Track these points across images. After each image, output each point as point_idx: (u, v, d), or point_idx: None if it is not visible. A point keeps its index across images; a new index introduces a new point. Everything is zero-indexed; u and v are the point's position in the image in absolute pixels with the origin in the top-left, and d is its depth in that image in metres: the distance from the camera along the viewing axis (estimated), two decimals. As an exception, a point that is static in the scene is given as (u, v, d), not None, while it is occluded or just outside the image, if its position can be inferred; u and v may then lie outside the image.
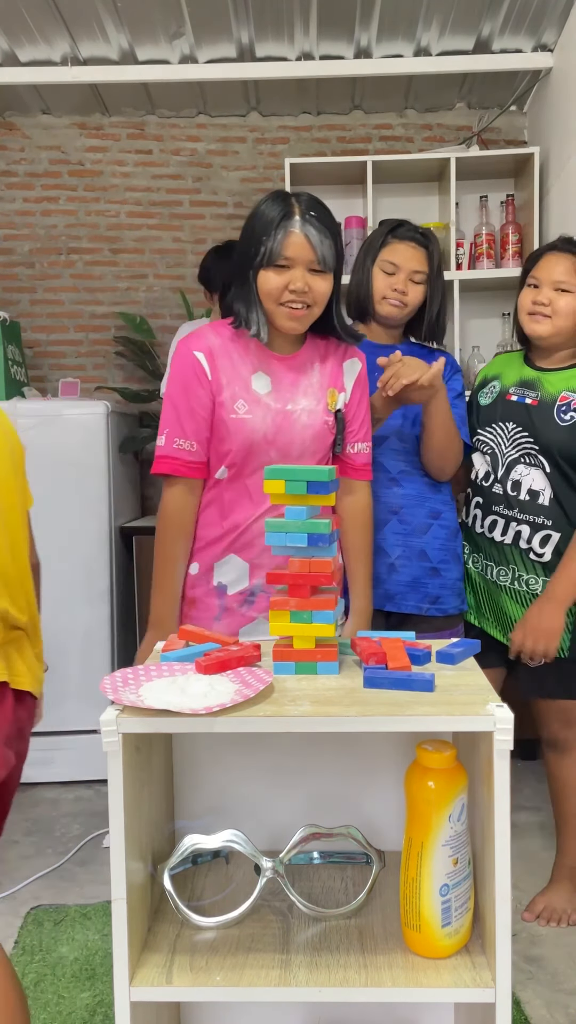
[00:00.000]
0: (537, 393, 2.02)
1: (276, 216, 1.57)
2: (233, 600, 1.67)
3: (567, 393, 1.98)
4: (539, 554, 2.00)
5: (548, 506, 1.98)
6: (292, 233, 1.55)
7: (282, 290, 1.57)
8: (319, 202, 1.61)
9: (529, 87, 3.48)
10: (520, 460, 2.01)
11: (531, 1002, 1.83)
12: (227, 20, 3.03)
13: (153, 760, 1.09)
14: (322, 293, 1.60)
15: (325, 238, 1.57)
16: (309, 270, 1.57)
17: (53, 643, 2.91)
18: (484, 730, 0.92)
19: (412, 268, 1.99)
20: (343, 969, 0.97)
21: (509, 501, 2.03)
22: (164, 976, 0.97)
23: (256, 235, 1.58)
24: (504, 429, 2.04)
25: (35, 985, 1.91)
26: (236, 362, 1.66)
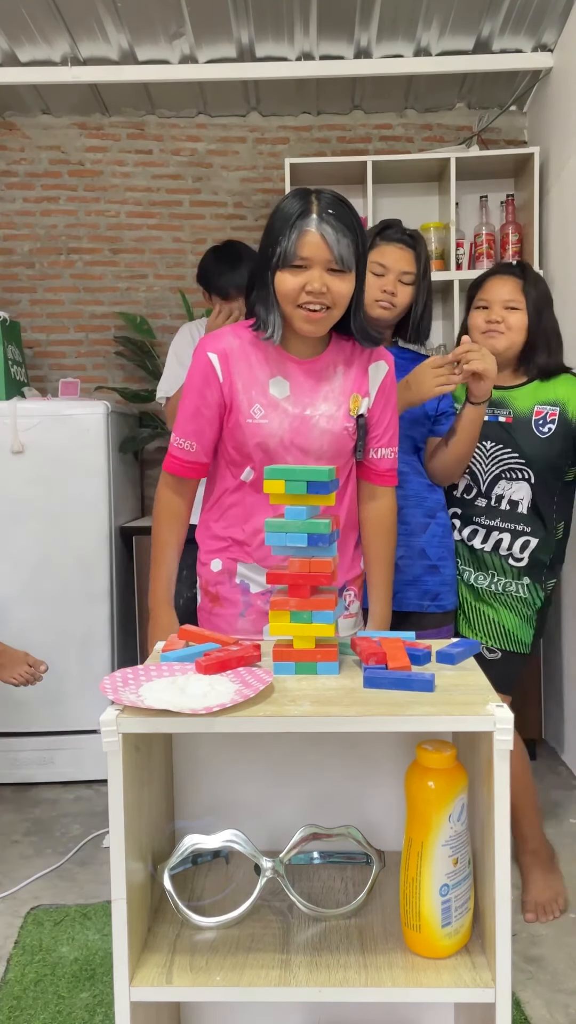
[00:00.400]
0: (508, 410, 2.13)
1: (293, 215, 1.52)
2: (258, 598, 1.68)
3: (540, 407, 2.11)
4: (518, 559, 2.12)
5: (527, 514, 2.11)
6: (308, 232, 1.51)
7: (299, 291, 1.53)
8: (340, 199, 1.56)
9: (529, 87, 3.48)
10: (502, 476, 2.12)
11: (531, 1002, 1.83)
12: (227, 20, 3.03)
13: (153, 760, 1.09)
14: (341, 294, 1.55)
15: (343, 237, 1.52)
16: (327, 270, 1.52)
17: (53, 643, 2.92)
18: (484, 730, 0.92)
19: (401, 269, 2.01)
20: (343, 969, 0.97)
21: (491, 512, 2.15)
22: (164, 976, 0.97)
23: (274, 235, 1.55)
24: (483, 448, 2.14)
25: (35, 985, 1.92)
26: (254, 365, 1.63)
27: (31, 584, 2.94)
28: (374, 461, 1.73)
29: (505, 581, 2.13)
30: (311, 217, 1.51)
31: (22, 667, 2.18)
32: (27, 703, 2.93)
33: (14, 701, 2.90)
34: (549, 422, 2.09)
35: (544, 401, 2.10)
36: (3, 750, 2.98)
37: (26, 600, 2.94)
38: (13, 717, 2.96)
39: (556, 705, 3.16)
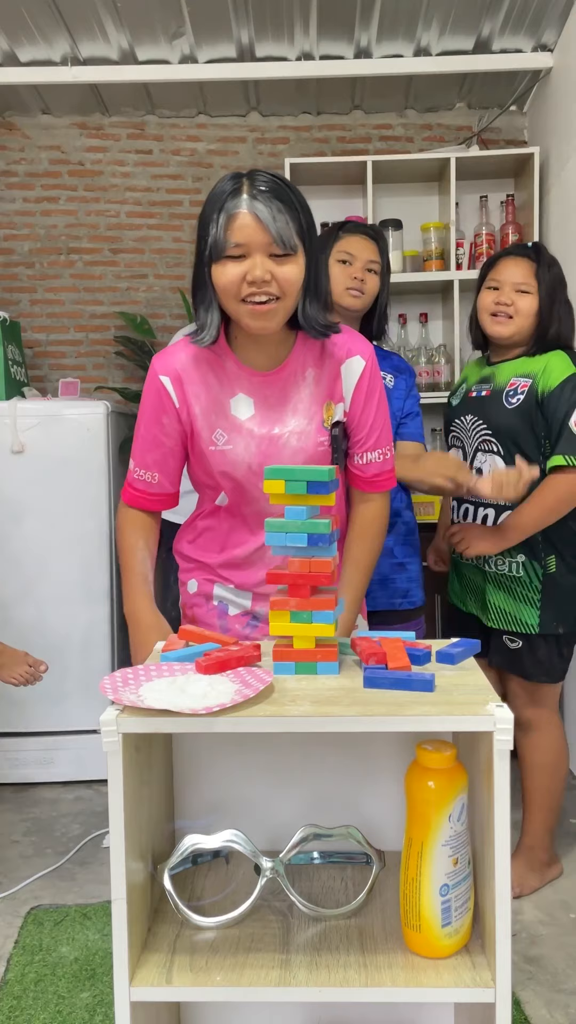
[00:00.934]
0: (491, 385, 2.14)
1: (221, 198, 1.33)
2: (235, 621, 1.60)
3: (515, 379, 2.09)
4: None
5: None
6: (239, 215, 1.31)
7: (239, 282, 1.33)
8: (274, 175, 1.36)
9: (529, 87, 3.48)
10: (479, 448, 2.14)
11: (531, 1002, 1.83)
12: (227, 20, 3.03)
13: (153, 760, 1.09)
14: (289, 280, 1.34)
15: (280, 213, 1.31)
16: (269, 255, 1.33)
17: (53, 643, 2.92)
18: (484, 730, 0.92)
19: (367, 258, 2.06)
20: (343, 969, 0.97)
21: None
22: (164, 976, 0.97)
23: (204, 224, 1.36)
24: (465, 422, 2.18)
25: (35, 985, 1.92)
26: (212, 385, 1.46)
27: (31, 584, 2.94)
28: (360, 467, 1.56)
29: (498, 559, 2.12)
30: (241, 197, 1.32)
31: (22, 667, 2.18)
32: (27, 703, 2.93)
33: (14, 701, 2.90)
34: (519, 393, 2.06)
35: (520, 373, 2.08)
36: (3, 750, 2.98)
37: (26, 600, 2.94)
38: (13, 717, 2.96)
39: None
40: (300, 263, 1.36)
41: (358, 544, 1.59)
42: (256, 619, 1.60)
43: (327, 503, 1.12)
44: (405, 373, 2.20)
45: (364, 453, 1.55)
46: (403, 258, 3.36)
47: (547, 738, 2.18)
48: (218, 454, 1.47)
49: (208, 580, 1.61)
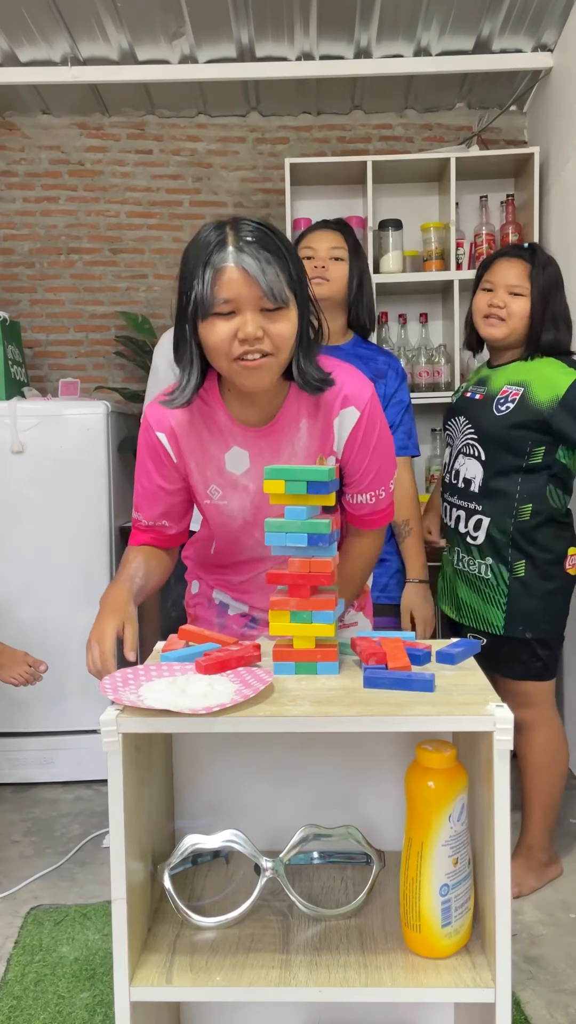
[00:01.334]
0: (485, 388, 2.15)
1: (205, 252, 1.25)
2: (233, 620, 1.63)
3: (507, 386, 2.10)
4: (473, 537, 2.15)
5: (478, 492, 2.12)
6: (225, 269, 1.23)
7: (230, 341, 1.25)
8: (260, 224, 1.28)
9: (529, 87, 3.48)
10: (462, 451, 2.16)
11: (531, 1002, 1.83)
12: (227, 20, 3.03)
13: (153, 760, 1.09)
14: (283, 336, 1.27)
15: (269, 265, 1.23)
16: (260, 310, 1.25)
17: (53, 643, 2.92)
18: (484, 730, 0.92)
19: (329, 246, 2.09)
20: (343, 969, 0.97)
21: (451, 488, 2.20)
22: (164, 976, 0.97)
23: (187, 279, 1.27)
24: (457, 423, 2.20)
25: (35, 985, 1.92)
26: (205, 440, 1.41)
27: (31, 584, 2.94)
28: (352, 505, 1.51)
29: (468, 559, 2.16)
30: (227, 250, 1.24)
31: (22, 667, 2.18)
32: (27, 703, 2.93)
33: (14, 701, 2.90)
34: (509, 401, 2.06)
35: (512, 381, 2.08)
36: (3, 750, 2.98)
37: (26, 600, 2.94)
38: (13, 717, 2.96)
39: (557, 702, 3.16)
40: (292, 316, 1.28)
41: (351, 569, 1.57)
42: (255, 622, 1.62)
43: (327, 503, 1.12)
44: (384, 378, 2.17)
45: (355, 495, 1.50)
46: (403, 258, 3.36)
47: (542, 737, 2.18)
48: (214, 507, 1.46)
49: (208, 585, 1.65)
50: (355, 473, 1.46)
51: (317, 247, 2.10)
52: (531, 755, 2.19)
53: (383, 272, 3.33)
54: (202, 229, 1.30)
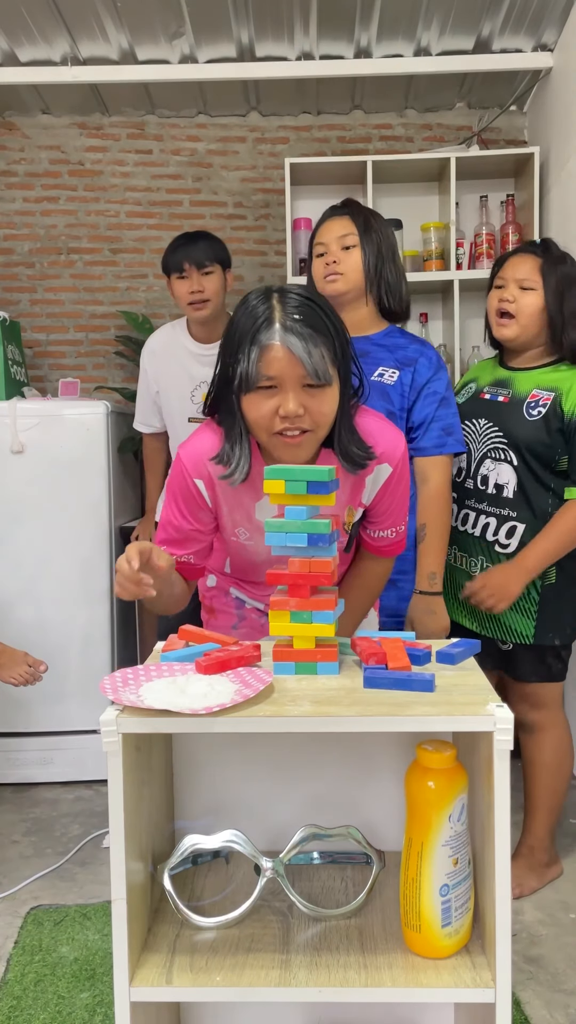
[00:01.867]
0: (509, 391, 2.09)
1: (251, 327, 1.27)
2: (251, 612, 1.66)
3: (537, 391, 2.04)
4: (504, 545, 2.08)
5: (512, 499, 2.06)
6: (271, 347, 1.25)
7: (272, 417, 1.28)
8: (308, 297, 1.29)
9: (529, 87, 3.48)
10: (488, 455, 2.09)
11: (531, 1002, 1.83)
12: (227, 20, 3.03)
13: (153, 760, 1.09)
14: (323, 413, 1.29)
15: (315, 346, 1.25)
16: (303, 386, 1.27)
17: (53, 643, 2.92)
18: (484, 730, 0.92)
19: (337, 235, 1.96)
20: (343, 969, 0.97)
21: (478, 495, 2.11)
22: (164, 976, 0.97)
23: (232, 350, 1.30)
24: (476, 425, 2.12)
25: (35, 985, 1.91)
26: (240, 490, 1.42)
27: (31, 584, 2.94)
28: (371, 537, 1.57)
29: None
30: (274, 328, 1.25)
31: (22, 667, 2.18)
32: (27, 703, 2.93)
33: (14, 701, 2.90)
34: (540, 405, 2.01)
35: (543, 385, 2.03)
36: (3, 750, 2.97)
37: (26, 600, 2.94)
38: (13, 717, 2.96)
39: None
40: (334, 393, 1.31)
41: (358, 592, 1.63)
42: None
43: (327, 503, 1.12)
44: (413, 366, 1.98)
45: (377, 531, 1.55)
46: (403, 258, 3.36)
47: (551, 738, 2.17)
48: (238, 544, 1.49)
49: (225, 581, 1.67)
50: (379, 516, 1.52)
51: (327, 240, 1.97)
52: (539, 756, 2.17)
53: (383, 272, 3.33)
54: (249, 297, 1.32)
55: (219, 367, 1.36)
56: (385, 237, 1.98)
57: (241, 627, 1.66)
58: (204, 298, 2.59)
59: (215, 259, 2.61)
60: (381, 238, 1.97)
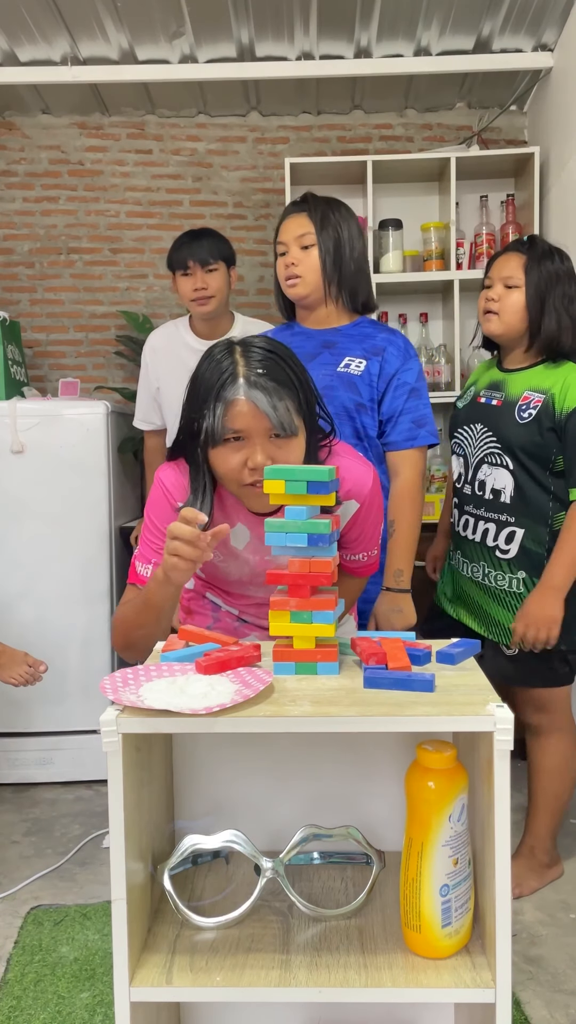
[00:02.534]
0: (502, 394, 2.08)
1: (215, 382, 1.28)
2: (226, 615, 1.67)
3: (528, 392, 2.02)
4: (504, 551, 2.06)
5: (510, 504, 2.04)
6: (236, 403, 1.27)
7: (240, 469, 1.30)
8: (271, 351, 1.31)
9: (529, 87, 3.48)
10: (485, 460, 2.08)
11: (531, 1002, 1.83)
12: (227, 20, 3.03)
13: (153, 760, 1.09)
14: (290, 463, 1.31)
15: (280, 399, 1.27)
16: (270, 437, 1.29)
17: (53, 643, 2.92)
18: (484, 730, 0.92)
19: (295, 235, 1.93)
20: (343, 969, 0.97)
21: (476, 500, 2.11)
22: (164, 976, 0.97)
23: (197, 405, 1.31)
24: (473, 430, 2.11)
25: (35, 985, 1.91)
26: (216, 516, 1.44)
27: (31, 584, 2.94)
28: (346, 560, 1.59)
29: (496, 574, 2.07)
30: (238, 383, 1.27)
31: (22, 667, 2.18)
32: (27, 703, 2.93)
33: (14, 701, 2.90)
34: (532, 408, 1.99)
35: (534, 388, 2.01)
36: (3, 750, 2.98)
37: (26, 600, 2.94)
38: (13, 717, 2.96)
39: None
40: (301, 443, 1.34)
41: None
42: (244, 621, 1.66)
43: (327, 503, 1.12)
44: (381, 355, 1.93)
45: (348, 555, 1.58)
46: (403, 258, 3.36)
47: (557, 742, 2.15)
48: (212, 565, 1.51)
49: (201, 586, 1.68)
50: (351, 543, 1.55)
51: (287, 240, 1.93)
52: (544, 759, 2.16)
53: (383, 272, 3.33)
54: (213, 350, 1.33)
55: (183, 420, 1.37)
56: (345, 230, 1.94)
57: (215, 628, 1.67)
58: (208, 295, 2.61)
59: (219, 256, 2.63)
60: (339, 232, 1.93)
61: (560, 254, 2.05)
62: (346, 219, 1.95)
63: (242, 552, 1.48)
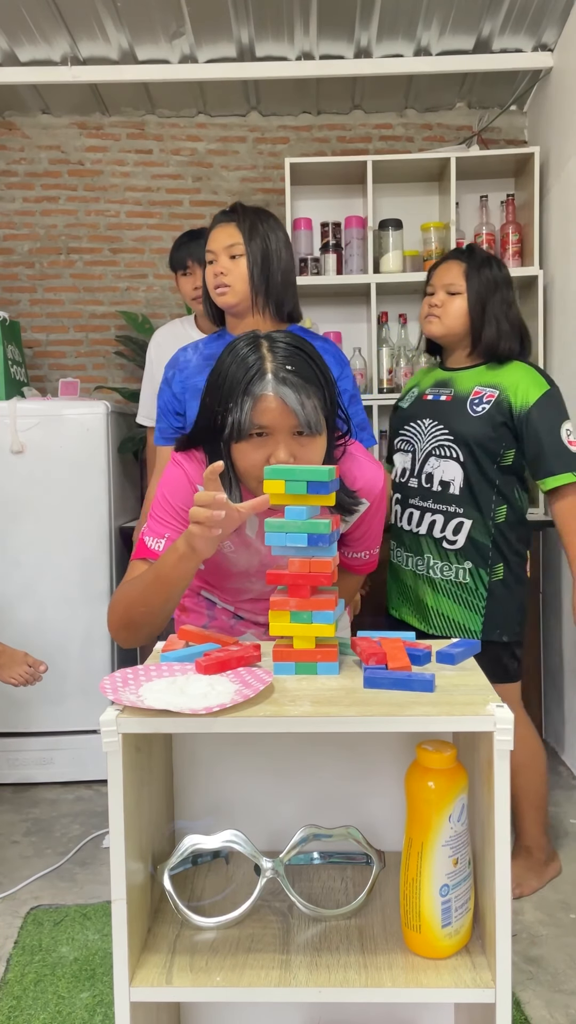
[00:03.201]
0: (450, 390, 2.14)
1: (242, 377, 1.27)
2: (222, 613, 1.67)
3: (479, 388, 2.09)
4: (452, 541, 2.10)
5: (458, 495, 2.09)
6: (264, 398, 1.26)
7: (263, 466, 1.28)
8: (297, 346, 1.30)
9: (529, 87, 3.48)
10: (432, 453, 2.12)
11: (531, 1002, 1.83)
12: (227, 20, 3.03)
13: (153, 760, 1.09)
14: (312, 461, 1.31)
15: (308, 397, 1.26)
16: (294, 434, 1.29)
17: (53, 643, 2.92)
18: (484, 730, 0.92)
19: (224, 245, 1.94)
20: (343, 969, 0.97)
21: (423, 493, 2.14)
22: (164, 976, 0.97)
23: (222, 398, 1.30)
24: (421, 425, 2.16)
25: (35, 985, 1.91)
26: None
27: (31, 584, 2.94)
28: (347, 557, 1.61)
29: (442, 565, 2.11)
30: (266, 379, 1.26)
31: (22, 667, 2.18)
32: (27, 703, 2.93)
33: (14, 701, 2.90)
34: (485, 402, 2.06)
35: (485, 383, 2.09)
36: (3, 750, 2.98)
37: (26, 600, 2.94)
38: (13, 717, 2.96)
39: (556, 705, 3.16)
40: (323, 442, 1.33)
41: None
42: (240, 618, 1.66)
43: (327, 503, 1.12)
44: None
45: (350, 552, 1.60)
46: (403, 258, 3.36)
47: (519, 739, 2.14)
48: (221, 554, 1.49)
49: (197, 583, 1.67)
50: (355, 541, 1.57)
51: (215, 249, 1.94)
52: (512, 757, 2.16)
53: (383, 272, 3.33)
54: (237, 344, 1.30)
55: (203, 413, 1.35)
56: (273, 241, 1.95)
57: (211, 627, 1.67)
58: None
59: None
60: (267, 243, 1.95)
61: (497, 262, 2.14)
62: (274, 230, 1.97)
63: (254, 541, 1.47)
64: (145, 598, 1.32)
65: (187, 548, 1.23)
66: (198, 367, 2.02)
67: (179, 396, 2.04)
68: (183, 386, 2.02)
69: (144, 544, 1.44)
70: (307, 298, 3.35)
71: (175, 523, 1.42)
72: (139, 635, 1.37)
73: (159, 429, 2.12)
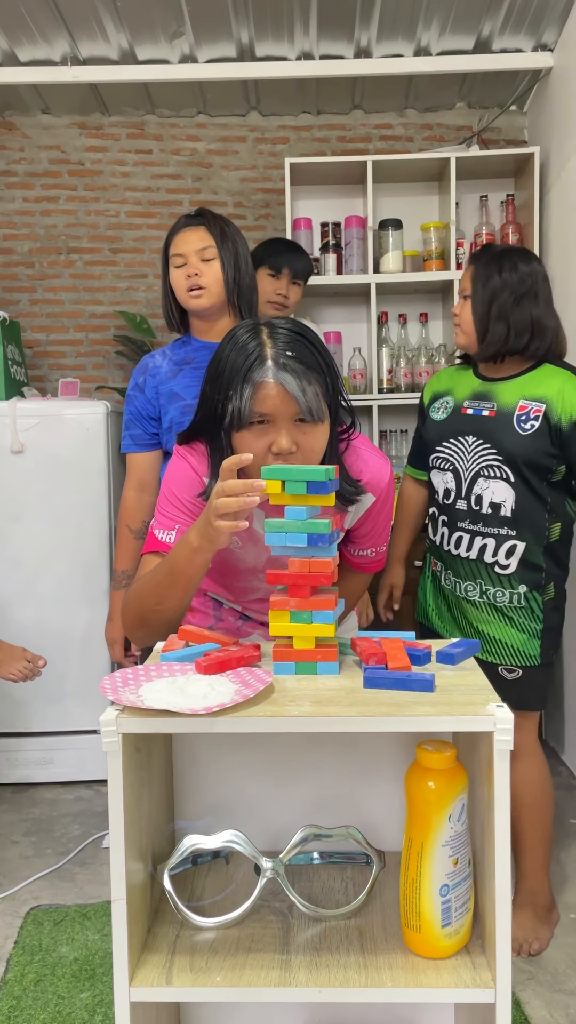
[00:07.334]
0: (492, 404, 1.99)
1: (242, 364, 1.25)
2: (228, 613, 1.65)
3: (524, 402, 1.95)
4: (504, 566, 1.98)
5: (510, 517, 1.96)
6: (264, 384, 1.23)
7: (264, 454, 1.27)
8: (298, 332, 1.28)
9: (529, 87, 3.48)
10: (481, 474, 1.98)
11: (531, 1002, 1.83)
12: (227, 20, 3.03)
13: (153, 760, 1.09)
14: (314, 449, 1.29)
15: (309, 383, 1.24)
16: (295, 421, 1.26)
17: (53, 643, 2.92)
18: (484, 730, 0.92)
19: (196, 248, 1.95)
20: (343, 969, 0.97)
21: (473, 516, 2.00)
22: (164, 976, 0.97)
23: (222, 386, 1.27)
24: (465, 443, 2.01)
25: (35, 985, 1.91)
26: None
27: (31, 584, 2.94)
28: (354, 556, 1.59)
29: (496, 591, 1.99)
30: (266, 365, 1.24)
31: (20, 662, 2.17)
32: (27, 703, 2.93)
33: (14, 701, 2.90)
34: (532, 418, 1.92)
35: (530, 396, 1.94)
36: (3, 750, 2.98)
37: (26, 600, 2.94)
38: (13, 717, 2.96)
39: (556, 705, 3.16)
40: (325, 430, 1.30)
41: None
42: (247, 618, 1.64)
43: (327, 503, 1.12)
44: None
45: (356, 550, 1.57)
46: (403, 258, 3.36)
47: (532, 771, 2.06)
48: (227, 550, 1.46)
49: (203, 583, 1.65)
50: (361, 538, 1.54)
51: (186, 252, 1.95)
52: (522, 792, 2.05)
53: (383, 272, 3.33)
54: (237, 332, 1.29)
55: (203, 403, 1.34)
56: (240, 246, 2.00)
57: (217, 628, 1.65)
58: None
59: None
60: (237, 247, 1.98)
61: (512, 259, 1.97)
62: (239, 235, 2.02)
63: (262, 537, 1.44)
64: (159, 594, 1.31)
65: (201, 540, 1.21)
66: (170, 372, 2.02)
67: (153, 401, 2.04)
68: (156, 391, 2.03)
69: (155, 537, 1.43)
70: (307, 298, 3.35)
71: (184, 515, 1.41)
72: (155, 633, 1.36)
73: (131, 436, 2.11)
